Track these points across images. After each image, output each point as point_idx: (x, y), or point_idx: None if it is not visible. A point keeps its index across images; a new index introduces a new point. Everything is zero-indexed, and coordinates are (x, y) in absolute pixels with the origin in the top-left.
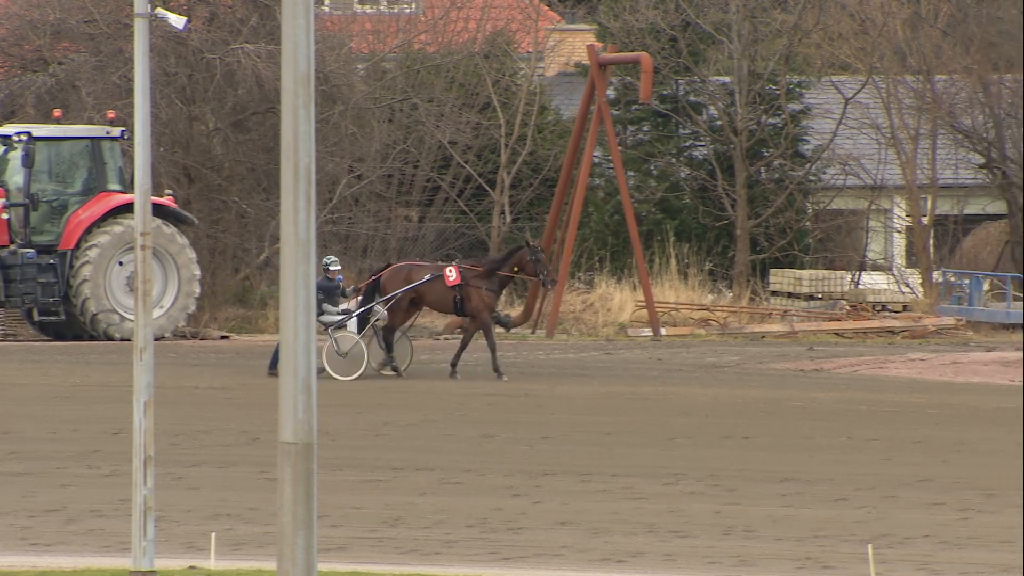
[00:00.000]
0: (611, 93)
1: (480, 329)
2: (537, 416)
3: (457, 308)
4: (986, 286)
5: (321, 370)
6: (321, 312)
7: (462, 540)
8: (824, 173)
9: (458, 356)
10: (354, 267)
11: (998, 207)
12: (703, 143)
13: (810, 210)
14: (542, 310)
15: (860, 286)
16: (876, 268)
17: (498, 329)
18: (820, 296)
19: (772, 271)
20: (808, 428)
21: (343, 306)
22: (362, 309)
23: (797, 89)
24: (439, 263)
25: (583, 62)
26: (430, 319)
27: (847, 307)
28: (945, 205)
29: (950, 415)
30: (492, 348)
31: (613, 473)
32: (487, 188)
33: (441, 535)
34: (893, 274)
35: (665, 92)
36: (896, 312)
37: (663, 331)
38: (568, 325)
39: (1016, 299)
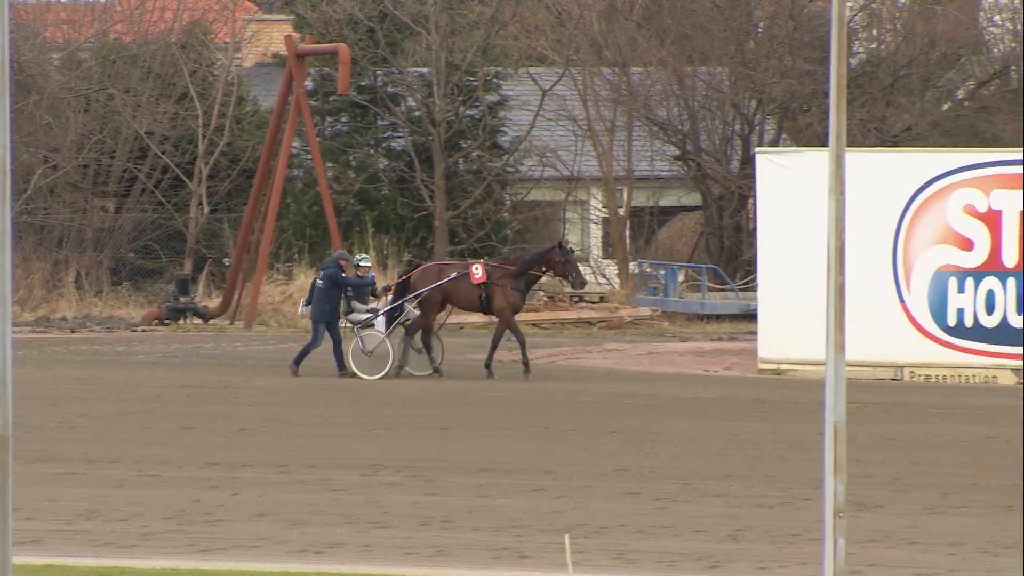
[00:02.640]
0: (309, 84)
1: (507, 328)
2: (235, 408)
3: (483, 306)
4: (681, 277)
5: (352, 375)
6: (351, 310)
7: (159, 532)
8: (522, 164)
9: (491, 357)
10: (49, 258)
11: (693, 199)
12: (402, 134)
13: (508, 201)
14: (240, 301)
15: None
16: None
17: (196, 320)
18: None
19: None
20: (506, 418)
21: (372, 305)
22: (389, 307)
23: (495, 81)
24: (467, 261)
25: (281, 53)
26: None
27: (545, 298)
28: (641, 196)
29: (646, 405)
30: (522, 344)
31: (311, 464)
32: (184, 179)
33: (138, 527)
34: (590, 265)
35: (363, 83)
36: (593, 303)
37: None
38: (267, 316)
39: (710, 290)
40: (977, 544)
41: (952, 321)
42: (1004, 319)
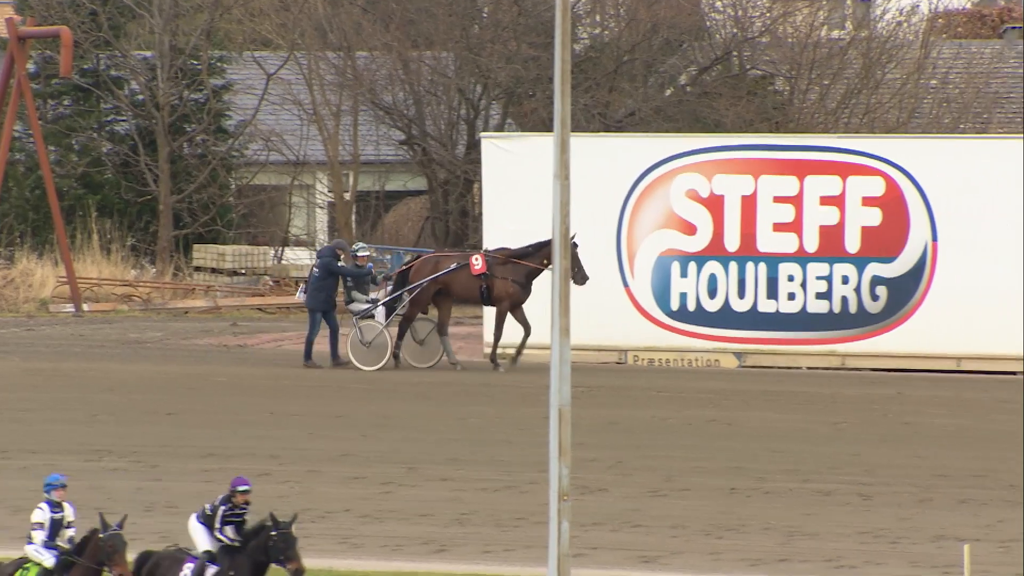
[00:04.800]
0: (31, 67)
1: (499, 319)
2: None
3: (484, 297)
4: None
5: (347, 362)
6: (351, 300)
7: None
8: (247, 148)
9: (494, 351)
10: None
11: (418, 183)
12: (125, 118)
13: (233, 185)
14: None
15: (283, 261)
16: (299, 244)
17: None
18: (244, 272)
19: (195, 247)
20: (232, 403)
21: (372, 295)
22: (388, 298)
23: (219, 64)
24: (466, 252)
25: (1, 35)
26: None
27: (270, 282)
28: (367, 181)
29: (371, 389)
30: (496, 339)
31: (33, 450)
32: None
33: None
34: (316, 249)
35: (86, 66)
36: None
37: (86, 307)
38: None
39: None
40: (699, 527)
41: (675, 305)
42: (726, 303)
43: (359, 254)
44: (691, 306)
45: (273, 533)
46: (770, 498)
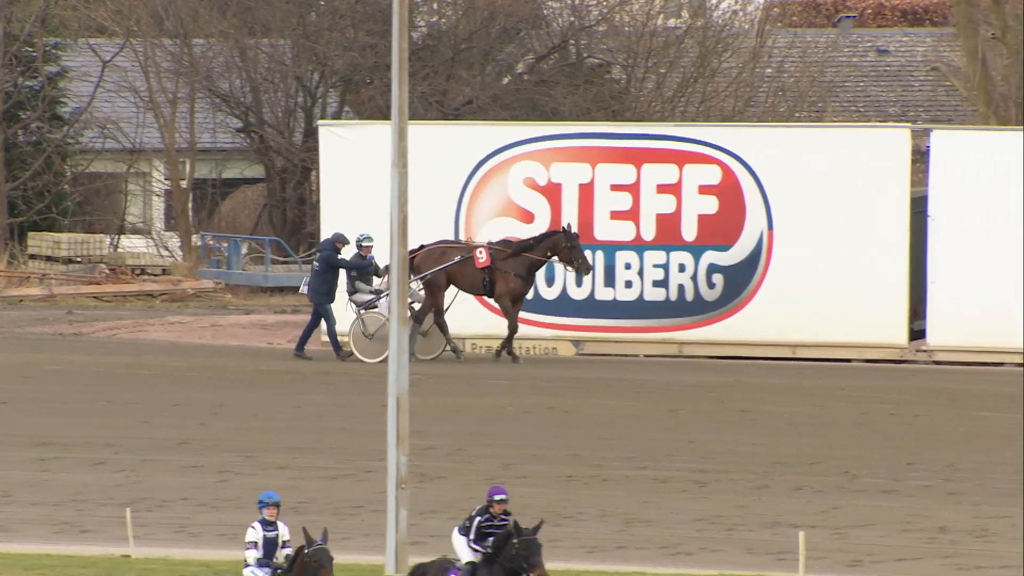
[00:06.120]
0: None
1: (505, 314)
2: None
3: (487, 290)
4: (244, 249)
5: (349, 354)
6: (354, 291)
7: None
8: (83, 136)
9: (507, 343)
10: None
11: (256, 171)
12: None
13: (69, 173)
14: None
15: (120, 249)
16: (135, 231)
17: None
18: (79, 260)
19: (30, 234)
20: (67, 392)
21: (376, 286)
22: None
23: (54, 51)
24: (471, 243)
25: None
26: None
27: (106, 270)
28: (204, 169)
29: (208, 378)
30: (512, 331)
31: None
32: None
33: None
34: (153, 237)
35: None
36: (156, 275)
37: None
38: None
39: (274, 262)
40: (538, 513)
41: None
42: (564, 291)
43: (363, 244)
44: (529, 294)
45: (515, 541)
46: (607, 485)
